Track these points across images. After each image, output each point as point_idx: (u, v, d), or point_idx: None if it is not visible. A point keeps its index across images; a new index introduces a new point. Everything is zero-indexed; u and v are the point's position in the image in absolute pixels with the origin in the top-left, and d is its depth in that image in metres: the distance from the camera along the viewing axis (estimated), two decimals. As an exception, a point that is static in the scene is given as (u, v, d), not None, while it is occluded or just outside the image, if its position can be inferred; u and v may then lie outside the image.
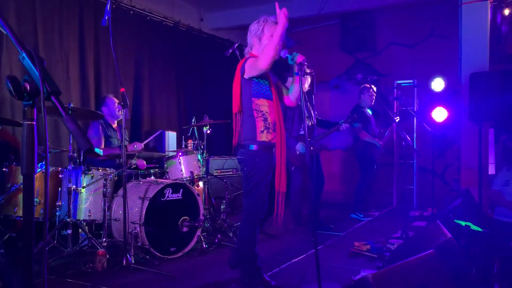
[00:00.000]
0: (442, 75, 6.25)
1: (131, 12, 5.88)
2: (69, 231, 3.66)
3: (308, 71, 2.89)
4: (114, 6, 5.41)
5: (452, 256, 2.75)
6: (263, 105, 2.99)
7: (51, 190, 3.84)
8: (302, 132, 4.91)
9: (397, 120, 6.04)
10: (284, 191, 3.05)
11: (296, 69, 2.91)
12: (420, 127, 6.87)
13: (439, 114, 6.10)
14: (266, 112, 2.99)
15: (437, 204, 5.96)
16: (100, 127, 4.49)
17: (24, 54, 1.18)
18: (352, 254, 4.09)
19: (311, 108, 4.86)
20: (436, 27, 7.41)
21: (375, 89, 6.03)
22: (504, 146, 4.15)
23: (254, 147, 2.97)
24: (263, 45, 2.98)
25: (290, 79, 4.71)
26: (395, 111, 7.00)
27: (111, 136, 4.57)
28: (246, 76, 2.97)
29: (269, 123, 2.99)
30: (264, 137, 2.98)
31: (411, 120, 7.03)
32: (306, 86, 4.77)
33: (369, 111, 6.11)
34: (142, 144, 4.66)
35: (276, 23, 2.93)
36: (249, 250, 3.05)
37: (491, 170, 6.17)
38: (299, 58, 2.87)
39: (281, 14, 2.80)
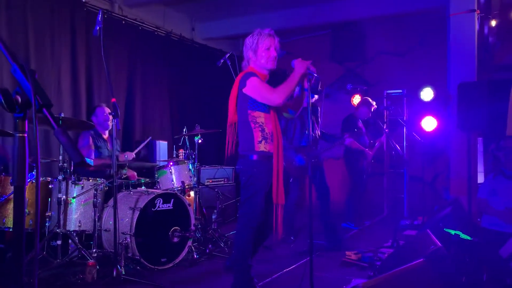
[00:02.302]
0: (431, 85, 6.32)
1: (123, 22, 5.89)
2: (59, 242, 3.63)
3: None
4: (105, 16, 5.42)
5: (442, 265, 2.78)
6: (259, 117, 3.00)
7: (41, 200, 3.80)
8: (303, 144, 4.78)
9: (386, 131, 6.08)
10: (282, 203, 3.04)
11: (304, 83, 3.01)
12: (409, 136, 6.93)
13: (429, 123, 6.16)
14: (263, 123, 3.00)
15: (427, 213, 6.00)
16: (90, 138, 4.48)
17: (15, 67, 1.19)
18: (343, 264, 4.10)
19: (314, 120, 4.81)
20: (424, 37, 7.51)
21: (374, 104, 6.07)
22: (494, 156, 4.20)
23: (254, 157, 2.98)
24: (259, 59, 3.04)
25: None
26: (385, 120, 7.06)
27: (101, 146, 4.55)
28: (248, 94, 2.97)
29: (266, 133, 3.00)
30: (262, 147, 2.98)
31: (401, 129, 7.09)
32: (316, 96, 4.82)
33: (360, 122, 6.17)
34: (133, 154, 4.65)
35: (270, 35, 3.03)
36: (243, 259, 3.05)
37: (481, 179, 6.23)
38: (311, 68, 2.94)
39: (302, 64, 2.95)
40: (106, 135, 4.69)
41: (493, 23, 6.74)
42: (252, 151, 2.98)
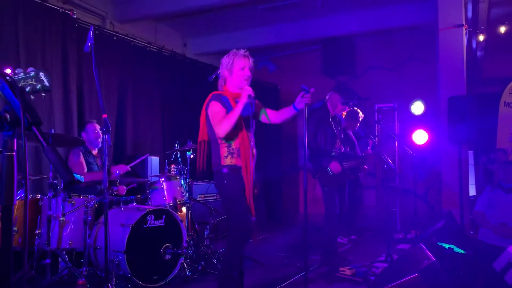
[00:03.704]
0: (421, 99, 6.38)
1: (115, 38, 5.89)
2: (48, 261, 3.56)
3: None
4: (97, 32, 5.42)
5: (436, 280, 2.76)
6: None
7: (30, 218, 3.74)
8: (333, 154, 4.59)
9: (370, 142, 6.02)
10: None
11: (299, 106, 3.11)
12: (401, 149, 6.97)
13: (420, 136, 6.20)
14: (230, 139, 3.07)
15: (420, 226, 6.00)
16: (81, 154, 4.44)
17: (4, 84, 1.17)
18: (337, 279, 4.06)
19: (342, 132, 4.72)
20: (414, 52, 7.61)
21: (361, 115, 6.05)
22: (484, 168, 4.22)
23: (224, 170, 3.06)
24: (234, 78, 3.13)
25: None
26: (376, 134, 7.08)
27: (91, 162, 4.51)
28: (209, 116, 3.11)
29: (232, 148, 3.07)
30: (228, 161, 3.06)
31: (392, 143, 7.12)
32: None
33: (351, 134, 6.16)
34: (128, 167, 4.61)
35: (245, 56, 3.12)
36: (228, 271, 3.03)
37: (472, 192, 6.26)
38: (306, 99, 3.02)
39: (244, 92, 2.99)
40: (95, 151, 4.65)
41: (481, 37, 6.86)
42: (220, 165, 3.07)
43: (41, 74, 1.42)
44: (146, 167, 5.64)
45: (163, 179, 4.57)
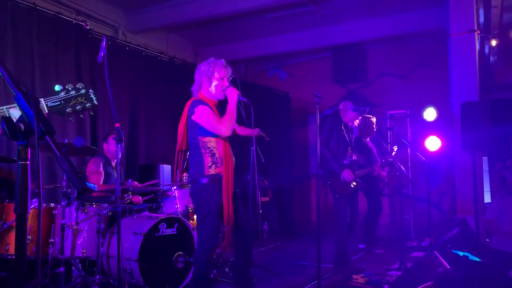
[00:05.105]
0: (433, 105, 6.32)
1: (127, 48, 5.97)
2: (62, 269, 3.58)
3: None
4: (110, 42, 5.50)
5: (452, 288, 2.72)
6: (209, 141, 3.06)
7: (44, 226, 3.77)
8: (346, 162, 4.54)
9: (395, 150, 5.93)
10: (231, 225, 3.04)
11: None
12: (414, 156, 6.90)
13: (433, 143, 6.13)
14: (214, 148, 3.05)
15: (434, 234, 5.92)
16: (101, 164, 4.48)
17: (19, 95, 1.19)
18: (350, 287, 4.02)
19: (353, 141, 4.69)
20: (425, 58, 7.57)
21: (374, 120, 5.98)
22: (500, 175, 4.16)
23: (204, 180, 3.03)
24: (213, 88, 3.15)
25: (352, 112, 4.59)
26: (389, 141, 7.03)
27: (109, 173, 4.57)
28: (197, 121, 3.06)
29: (216, 158, 3.05)
30: (212, 171, 3.03)
31: (405, 149, 7.06)
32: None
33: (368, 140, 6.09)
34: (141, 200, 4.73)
35: (225, 66, 3.15)
36: (201, 282, 3.04)
37: (487, 198, 6.16)
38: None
39: (233, 93, 3.06)
40: (114, 163, 4.70)
41: (494, 42, 6.80)
42: (202, 175, 3.04)
43: (91, 92, 1.46)
44: (158, 176, 5.67)
45: (175, 187, 4.59)
